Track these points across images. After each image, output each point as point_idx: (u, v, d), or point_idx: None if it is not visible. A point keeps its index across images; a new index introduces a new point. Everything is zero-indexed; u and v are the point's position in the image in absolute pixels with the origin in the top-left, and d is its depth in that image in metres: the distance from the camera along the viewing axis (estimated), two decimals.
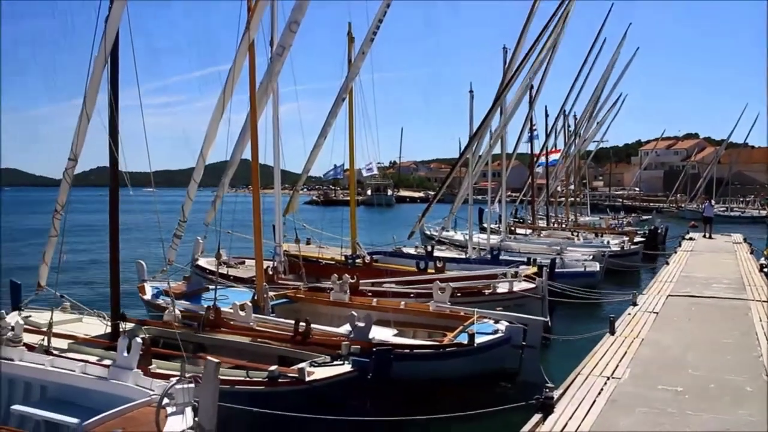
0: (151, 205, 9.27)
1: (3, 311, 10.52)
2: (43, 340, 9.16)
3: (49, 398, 7.54)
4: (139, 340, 7.34)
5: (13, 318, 10.07)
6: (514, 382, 10.60)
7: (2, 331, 8.46)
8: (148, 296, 13.96)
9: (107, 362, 7.95)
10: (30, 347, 8.69)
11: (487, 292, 14.63)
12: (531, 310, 12.82)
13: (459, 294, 13.64)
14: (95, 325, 10.77)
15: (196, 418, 5.08)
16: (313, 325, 9.97)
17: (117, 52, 9.86)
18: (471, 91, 26.46)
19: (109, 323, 10.24)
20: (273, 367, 8.12)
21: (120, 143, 9.57)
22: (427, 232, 27.35)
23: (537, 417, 7.20)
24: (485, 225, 28.16)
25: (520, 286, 15.00)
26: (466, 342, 10.21)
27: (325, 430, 7.72)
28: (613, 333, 11.01)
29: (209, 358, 5.11)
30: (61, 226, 10.39)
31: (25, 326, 9.34)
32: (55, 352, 8.83)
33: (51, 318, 9.42)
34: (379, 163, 27.27)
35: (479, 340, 10.33)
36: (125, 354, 7.23)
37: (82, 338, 9.70)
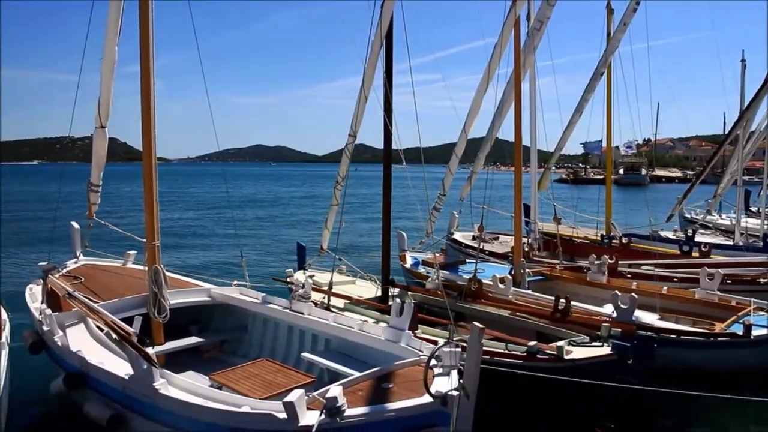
0: (408, 180, 9.82)
1: (292, 269, 11.87)
2: (324, 298, 10.22)
3: (332, 350, 8.39)
4: (411, 303, 7.80)
5: (300, 276, 11.34)
6: None
7: (295, 288, 9.53)
8: (408, 265, 14.77)
9: (381, 323, 8.65)
10: (314, 303, 9.73)
11: (762, 281, 13.31)
12: None
13: (729, 282, 12.62)
14: (366, 288, 11.73)
15: (461, 380, 5.28)
16: (573, 303, 9.90)
17: (392, 35, 10.47)
18: (743, 60, 24.10)
19: (380, 287, 11.07)
20: (532, 343, 8.18)
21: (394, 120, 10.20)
22: (687, 216, 25.46)
23: None
24: (753, 208, 25.60)
25: None
26: (741, 333, 9.50)
27: (580, 408, 7.71)
28: None
29: (475, 323, 5.29)
30: (342, 196, 11.41)
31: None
32: (334, 310, 9.82)
33: (331, 279, 10.46)
34: (634, 140, 25.83)
35: (757, 332, 9.53)
36: (399, 316, 7.70)
37: (356, 299, 10.59)
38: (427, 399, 5.21)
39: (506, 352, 8.24)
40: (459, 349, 5.84)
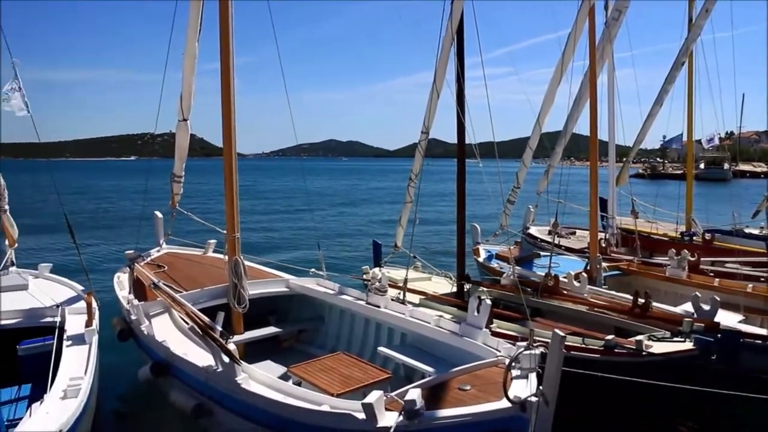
0: (483, 176, 9.75)
1: (368, 267, 12.01)
2: (399, 293, 10.27)
3: (408, 345, 8.44)
4: (488, 301, 7.73)
5: (374, 274, 11.44)
6: None
7: (372, 281, 9.64)
8: (481, 258, 14.69)
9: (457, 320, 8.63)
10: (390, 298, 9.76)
11: None
12: None
13: None
14: (441, 284, 11.69)
15: (540, 387, 5.23)
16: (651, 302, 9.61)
17: (462, 30, 10.39)
18: None
19: (455, 283, 11.03)
20: (610, 337, 8.00)
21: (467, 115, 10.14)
22: None
23: None
24: None
25: None
26: None
27: (658, 405, 7.49)
28: None
29: (556, 330, 5.18)
30: (415, 194, 11.43)
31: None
32: (409, 305, 9.85)
33: (406, 275, 10.49)
34: (716, 133, 24.74)
35: None
36: (475, 313, 7.65)
37: (431, 295, 10.56)
38: (505, 404, 5.16)
39: (583, 346, 8.09)
40: (538, 352, 5.75)
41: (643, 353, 7.72)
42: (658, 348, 7.91)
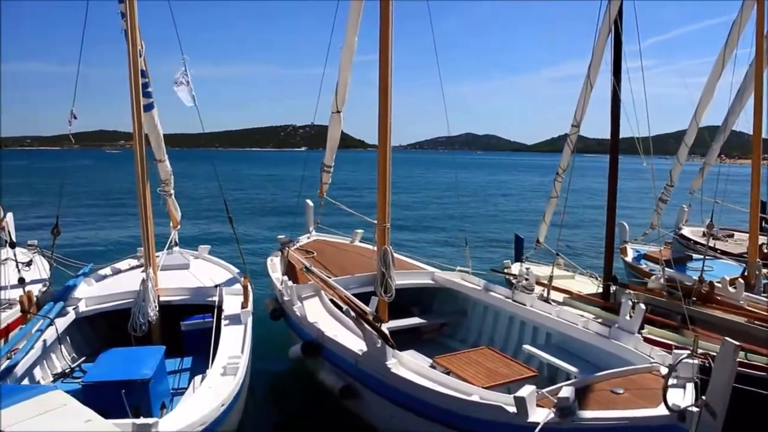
0: (638, 173, 9.34)
1: (509, 261, 11.85)
2: (543, 291, 10.10)
3: (553, 344, 8.29)
4: (642, 306, 7.41)
5: (516, 268, 11.30)
6: None
7: (518, 279, 9.51)
8: (629, 258, 14.15)
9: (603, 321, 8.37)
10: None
11: None
12: None
13: None
14: (585, 284, 11.39)
15: (703, 397, 4.89)
16: None
17: (620, 21, 9.97)
18: None
19: (601, 284, 10.67)
20: None
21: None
22: None
23: None
24: None
25: None
26: None
27: None
28: None
29: (727, 339, 4.88)
30: (563, 189, 11.17)
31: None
32: (555, 306, 9.66)
33: (552, 272, 10.30)
34: None
35: None
36: (627, 317, 7.37)
37: (576, 294, 10.27)
38: (663, 411, 4.95)
39: (746, 361, 7.47)
40: (698, 362, 5.47)
41: None
42: None
